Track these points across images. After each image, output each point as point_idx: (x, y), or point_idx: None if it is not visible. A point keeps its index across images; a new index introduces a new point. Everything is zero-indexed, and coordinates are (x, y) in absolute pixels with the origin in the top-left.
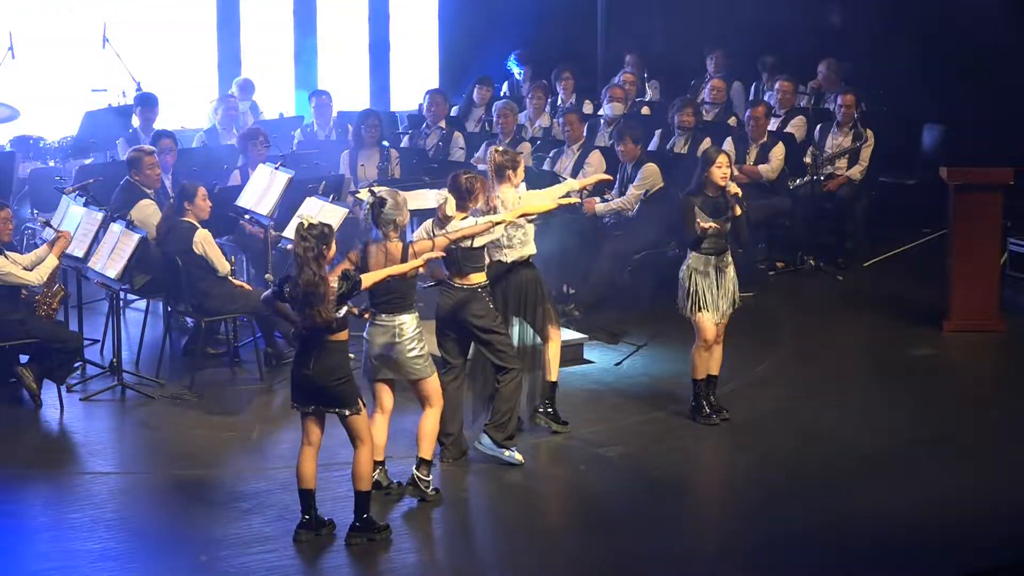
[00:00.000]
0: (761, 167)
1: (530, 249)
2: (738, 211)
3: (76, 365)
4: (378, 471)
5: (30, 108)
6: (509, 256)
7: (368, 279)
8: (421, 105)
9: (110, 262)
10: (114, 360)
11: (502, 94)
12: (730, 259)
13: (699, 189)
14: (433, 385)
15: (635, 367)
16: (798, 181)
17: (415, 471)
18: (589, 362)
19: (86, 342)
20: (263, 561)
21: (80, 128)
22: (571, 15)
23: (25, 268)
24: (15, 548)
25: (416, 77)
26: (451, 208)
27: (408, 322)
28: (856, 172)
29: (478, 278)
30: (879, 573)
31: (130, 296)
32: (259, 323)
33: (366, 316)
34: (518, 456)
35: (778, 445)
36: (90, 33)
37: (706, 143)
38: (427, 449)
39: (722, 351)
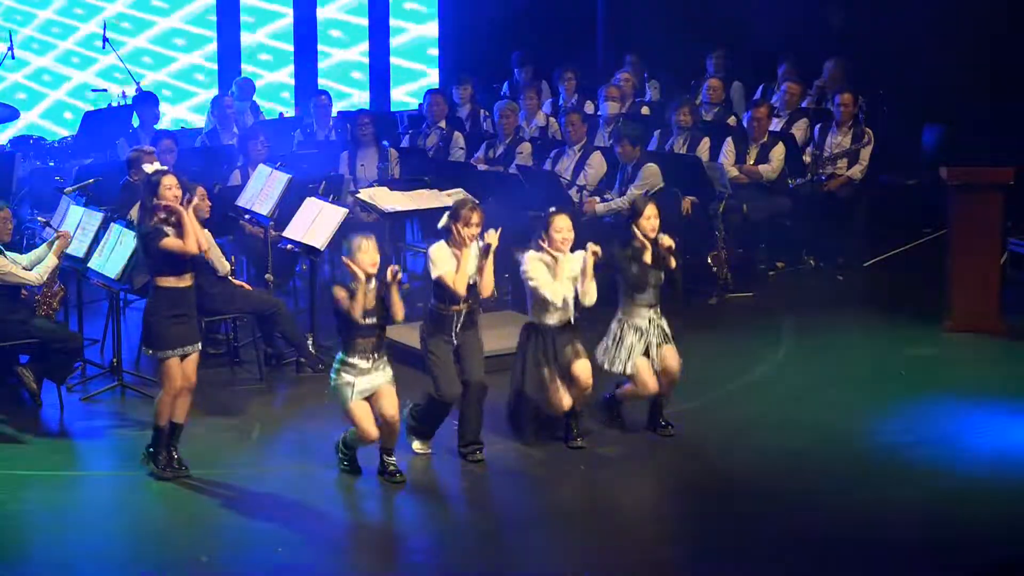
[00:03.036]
0: (761, 167)
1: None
2: (672, 263)
3: (76, 365)
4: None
5: (30, 108)
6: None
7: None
8: (421, 105)
9: (110, 262)
10: (114, 360)
11: (502, 94)
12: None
13: (629, 241)
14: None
15: None
16: (798, 181)
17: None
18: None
19: (86, 342)
20: (263, 560)
21: (80, 128)
22: (571, 15)
23: (25, 268)
24: (16, 548)
25: (416, 77)
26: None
27: None
28: (856, 172)
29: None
30: (880, 573)
31: (130, 296)
32: (259, 323)
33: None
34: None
35: (778, 445)
36: (90, 33)
37: (705, 143)
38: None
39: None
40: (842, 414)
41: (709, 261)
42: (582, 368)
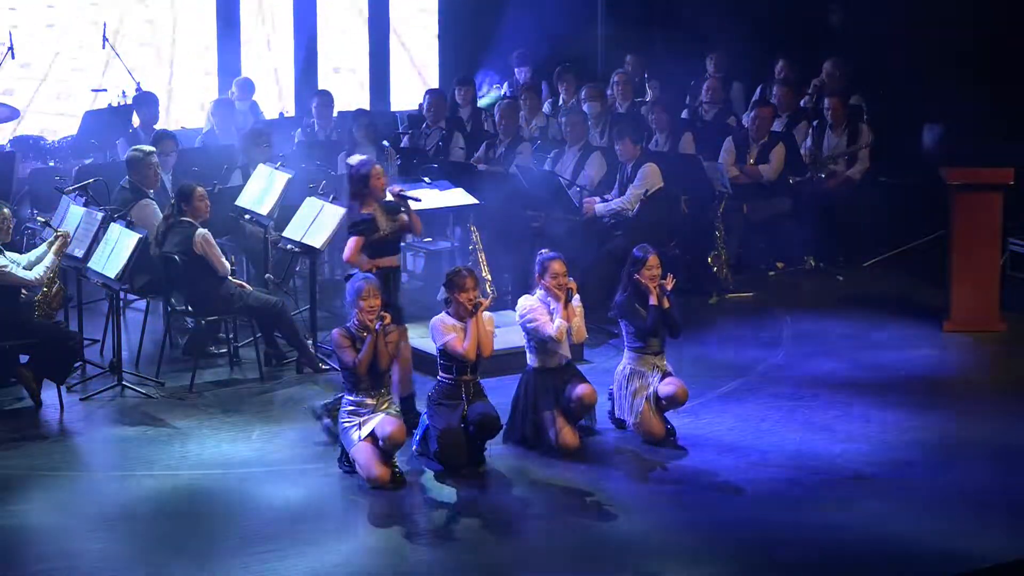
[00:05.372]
0: (762, 167)
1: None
2: (666, 304)
3: (76, 365)
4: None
5: (30, 108)
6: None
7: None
8: (421, 105)
9: (110, 262)
10: (114, 360)
11: (502, 94)
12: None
13: (631, 289)
14: None
15: None
16: (798, 178)
17: None
18: (588, 362)
19: (86, 342)
20: (263, 560)
21: (80, 128)
22: (571, 15)
23: (24, 268)
24: (15, 549)
25: (416, 77)
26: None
27: None
28: (856, 172)
29: None
30: (879, 572)
31: (130, 296)
32: (259, 323)
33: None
34: None
35: (777, 445)
36: (90, 33)
37: (687, 138)
38: None
39: (678, 381)
40: (841, 414)
41: (709, 261)
42: (586, 391)
